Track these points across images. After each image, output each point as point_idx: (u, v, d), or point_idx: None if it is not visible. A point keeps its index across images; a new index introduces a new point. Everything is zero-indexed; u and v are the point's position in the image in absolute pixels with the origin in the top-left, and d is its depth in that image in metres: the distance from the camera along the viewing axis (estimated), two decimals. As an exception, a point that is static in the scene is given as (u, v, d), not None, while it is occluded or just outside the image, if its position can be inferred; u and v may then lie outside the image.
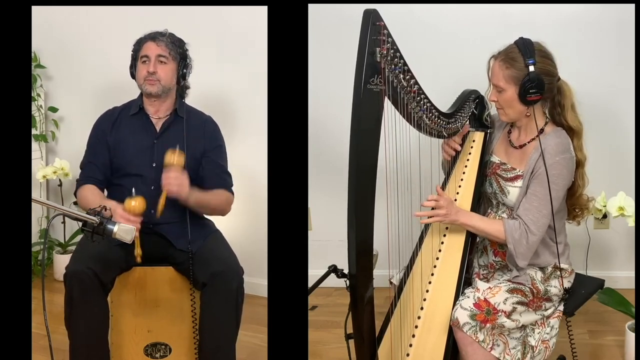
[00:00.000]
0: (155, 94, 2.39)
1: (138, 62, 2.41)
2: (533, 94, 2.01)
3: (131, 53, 2.46)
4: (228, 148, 2.53)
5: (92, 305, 2.17)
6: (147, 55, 2.38)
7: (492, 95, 2.10)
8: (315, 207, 3.35)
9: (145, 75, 2.38)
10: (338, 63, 2.34)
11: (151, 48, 2.39)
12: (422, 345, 2.01)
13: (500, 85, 2.05)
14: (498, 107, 2.12)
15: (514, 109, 2.08)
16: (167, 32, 2.43)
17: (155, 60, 2.38)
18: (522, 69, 2.00)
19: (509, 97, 2.05)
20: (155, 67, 2.37)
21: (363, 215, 1.80)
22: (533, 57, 1.99)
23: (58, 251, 3.68)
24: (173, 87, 2.44)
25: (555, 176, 2.02)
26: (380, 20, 1.75)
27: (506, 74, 2.02)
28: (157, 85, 2.38)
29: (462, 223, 2.10)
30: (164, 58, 2.39)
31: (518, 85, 2.01)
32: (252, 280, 2.56)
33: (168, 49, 2.39)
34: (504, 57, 2.03)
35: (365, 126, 1.77)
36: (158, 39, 2.40)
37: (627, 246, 3.14)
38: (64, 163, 3.52)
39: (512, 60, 2.01)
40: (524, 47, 2.01)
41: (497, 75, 2.05)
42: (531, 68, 1.98)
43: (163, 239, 2.37)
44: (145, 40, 2.42)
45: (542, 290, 2.09)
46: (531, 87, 2.00)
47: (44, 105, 3.77)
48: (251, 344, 2.79)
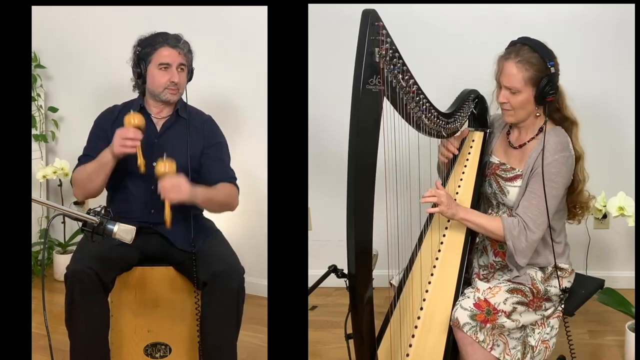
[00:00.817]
0: (174, 101, 2.40)
1: (152, 66, 2.36)
2: (551, 95, 2.01)
3: (136, 52, 2.40)
4: (229, 148, 2.52)
5: (92, 306, 2.17)
6: (169, 64, 2.35)
7: (502, 97, 2.07)
8: (315, 207, 3.35)
9: (166, 83, 2.35)
10: (338, 63, 2.34)
11: (173, 56, 2.35)
12: (421, 345, 2.01)
13: (516, 87, 2.02)
14: (507, 108, 2.08)
15: (526, 109, 2.07)
16: (182, 38, 2.39)
17: (177, 68, 2.36)
18: (540, 70, 1.99)
19: (525, 98, 2.04)
20: (179, 77, 2.36)
21: (362, 215, 1.80)
22: (552, 58, 1.99)
23: (58, 251, 3.69)
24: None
25: (555, 174, 2.03)
26: (379, 20, 1.75)
27: (525, 76, 2.00)
28: (177, 94, 2.38)
29: (461, 218, 2.10)
30: (183, 66, 2.37)
31: (535, 87, 2.01)
32: (252, 280, 2.56)
33: (186, 57, 2.38)
34: (520, 59, 2.00)
35: (364, 126, 1.77)
36: (179, 47, 2.36)
37: (627, 246, 3.14)
38: (64, 163, 3.52)
39: (530, 62, 2.00)
40: (541, 49, 2.00)
41: (514, 77, 2.01)
42: (552, 70, 1.98)
43: (163, 239, 2.37)
44: (161, 45, 2.35)
45: (542, 290, 2.09)
46: (550, 89, 2.00)
47: (44, 105, 3.77)
48: (251, 344, 2.79)
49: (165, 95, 2.38)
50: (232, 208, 2.44)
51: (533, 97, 2.03)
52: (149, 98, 2.43)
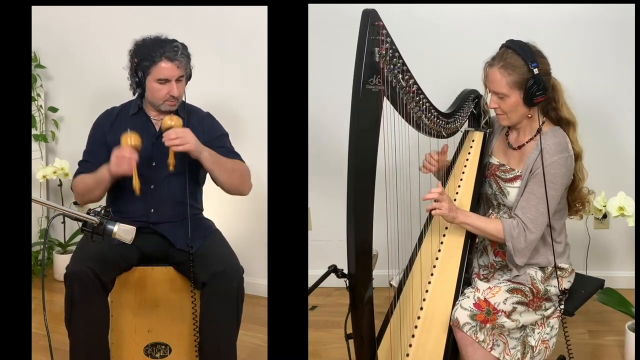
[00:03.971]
0: (173, 110, 2.39)
1: (150, 79, 2.32)
2: (539, 95, 2.00)
3: (133, 61, 2.35)
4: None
5: (92, 306, 2.18)
6: (168, 79, 2.31)
7: (492, 102, 2.08)
8: (315, 207, 3.35)
9: (165, 96, 2.34)
10: (338, 63, 2.34)
11: (171, 70, 2.30)
12: (421, 345, 2.01)
13: (502, 92, 2.03)
14: (499, 112, 2.09)
15: (517, 112, 2.07)
16: (179, 47, 2.33)
17: (175, 81, 2.33)
18: (524, 73, 1.99)
19: (513, 102, 2.04)
20: (178, 90, 2.33)
21: (362, 215, 1.80)
22: (535, 59, 1.98)
23: (58, 251, 3.69)
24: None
25: (554, 175, 2.03)
26: (379, 20, 1.75)
27: (509, 81, 2.00)
28: (176, 104, 2.38)
29: (460, 222, 2.10)
30: (181, 77, 2.35)
31: (522, 90, 2.01)
32: (252, 280, 2.56)
33: (184, 66, 2.35)
34: (503, 64, 2.00)
35: (364, 126, 1.77)
36: (177, 60, 2.31)
37: (627, 246, 3.14)
38: (64, 163, 3.52)
39: (512, 66, 1.99)
40: (523, 51, 1.99)
41: (498, 82, 2.02)
42: (535, 71, 1.98)
43: (163, 239, 2.37)
44: (159, 59, 2.29)
45: (542, 290, 2.09)
46: (537, 90, 1.99)
47: (44, 105, 3.77)
48: (251, 344, 2.79)
49: (164, 107, 2.37)
50: (245, 186, 2.41)
51: (522, 100, 2.03)
52: (148, 102, 2.43)
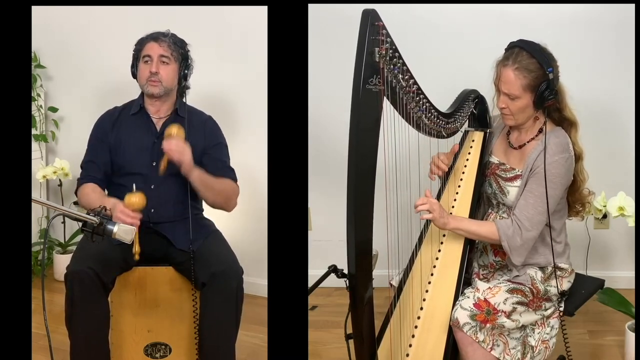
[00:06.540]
0: (157, 94, 2.39)
1: (140, 62, 2.41)
2: (550, 99, 2.01)
3: (132, 53, 2.46)
4: (228, 148, 2.52)
5: (92, 306, 2.18)
6: (150, 55, 2.38)
7: (501, 102, 2.07)
8: (315, 207, 3.35)
9: (147, 75, 2.38)
10: (338, 63, 2.34)
11: (153, 48, 2.39)
12: (421, 345, 2.01)
13: (515, 94, 2.02)
14: (506, 113, 2.08)
15: (525, 114, 2.07)
16: (169, 32, 2.43)
17: (158, 60, 2.38)
18: (538, 77, 1.99)
19: (523, 104, 2.04)
20: (157, 68, 2.37)
21: (362, 215, 1.80)
22: (550, 64, 1.99)
23: (58, 251, 3.69)
24: (174, 88, 2.44)
25: (554, 175, 2.03)
26: (379, 20, 1.75)
27: (523, 83, 2.00)
28: (159, 87, 2.38)
29: (453, 227, 2.10)
30: (166, 58, 2.38)
31: (534, 93, 2.00)
32: (252, 280, 2.56)
33: (170, 49, 2.39)
34: (518, 66, 1.99)
35: (364, 126, 1.77)
36: (160, 39, 2.40)
37: (627, 246, 3.14)
38: (64, 163, 3.52)
39: (528, 69, 1.99)
40: (539, 55, 1.99)
41: (512, 84, 2.01)
42: (550, 76, 1.98)
43: (163, 239, 2.38)
44: (147, 40, 2.42)
45: (542, 290, 2.09)
46: (550, 94, 1.99)
47: (44, 105, 3.77)
48: (251, 344, 2.79)
49: (147, 88, 2.39)
50: (229, 205, 2.43)
51: (532, 102, 2.03)
52: (146, 97, 2.44)
